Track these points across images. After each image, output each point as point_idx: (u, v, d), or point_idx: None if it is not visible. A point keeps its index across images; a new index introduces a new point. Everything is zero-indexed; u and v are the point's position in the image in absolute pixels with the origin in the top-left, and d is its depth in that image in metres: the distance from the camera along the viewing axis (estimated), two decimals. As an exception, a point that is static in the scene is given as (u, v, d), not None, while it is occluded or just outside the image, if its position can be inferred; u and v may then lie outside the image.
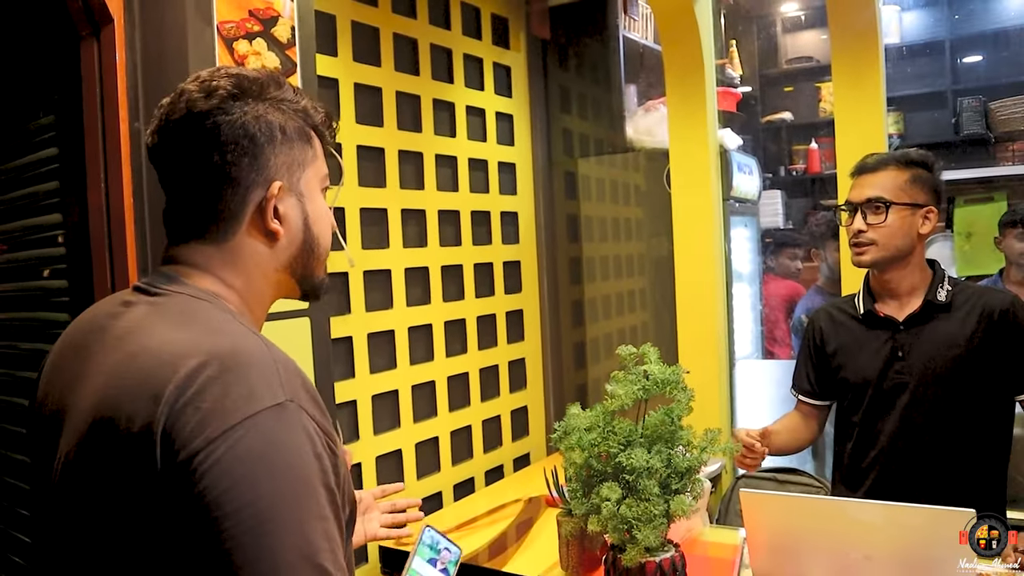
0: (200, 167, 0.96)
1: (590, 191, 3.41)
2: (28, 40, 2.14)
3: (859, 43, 2.58)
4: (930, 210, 1.89)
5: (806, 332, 2.14)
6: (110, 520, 0.87)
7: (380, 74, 2.49)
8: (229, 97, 0.97)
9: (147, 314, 0.94)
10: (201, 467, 0.79)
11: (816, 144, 4.61)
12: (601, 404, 1.58)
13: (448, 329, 2.76)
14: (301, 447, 0.84)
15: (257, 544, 0.79)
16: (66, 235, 2.05)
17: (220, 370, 0.84)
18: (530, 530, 2.35)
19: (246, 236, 0.99)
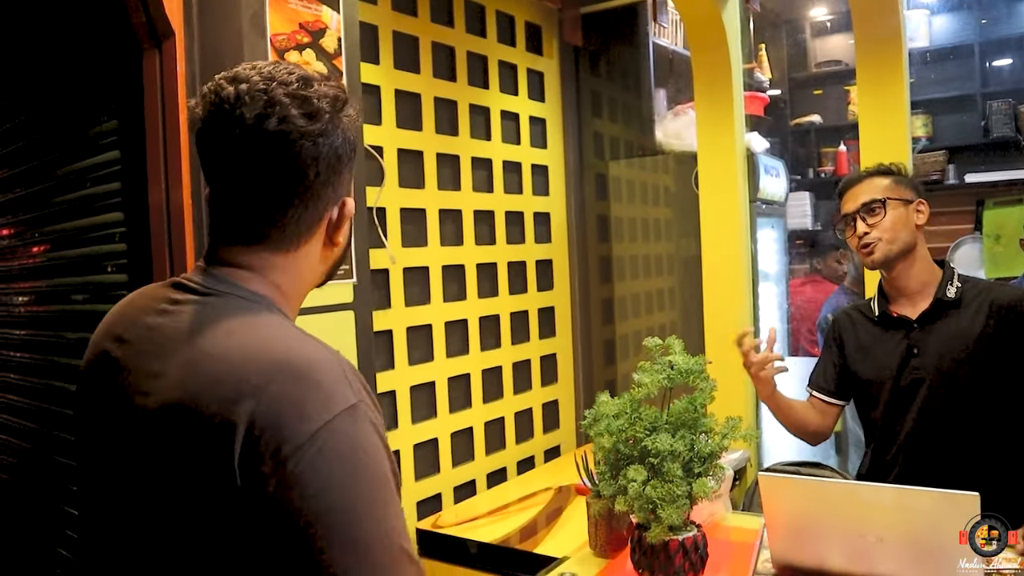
0: (286, 182, 0.97)
1: (620, 192, 3.50)
2: (92, 51, 2.29)
3: (883, 48, 2.64)
4: (920, 202, 1.99)
5: (828, 333, 2.22)
6: (177, 517, 0.91)
7: (419, 81, 2.61)
8: (331, 120, 0.98)
9: (204, 316, 0.95)
10: (287, 473, 0.84)
11: (844, 147, 4.66)
12: (629, 392, 1.67)
13: (483, 324, 2.87)
14: (375, 444, 0.90)
15: (349, 539, 0.85)
16: (126, 232, 2.19)
17: (295, 377, 0.87)
18: (560, 516, 2.45)
19: (310, 246, 1.02)
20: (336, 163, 0.99)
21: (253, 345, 0.91)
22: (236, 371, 0.88)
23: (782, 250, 3.66)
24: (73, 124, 2.41)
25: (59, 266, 2.56)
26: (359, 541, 0.86)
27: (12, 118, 2.80)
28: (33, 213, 2.69)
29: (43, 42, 2.58)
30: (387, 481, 0.90)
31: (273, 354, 0.90)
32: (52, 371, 2.67)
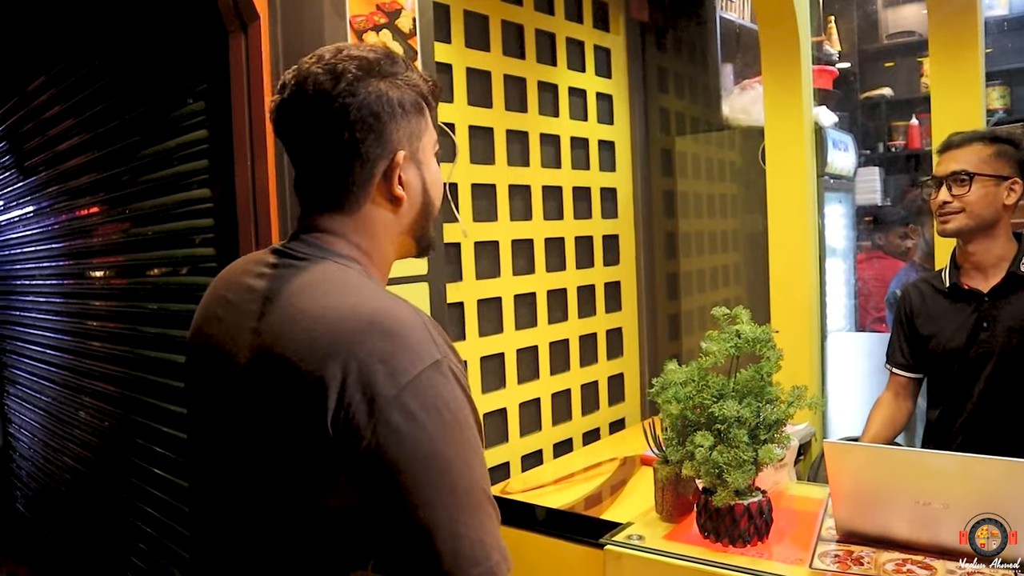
0: (330, 145, 1.05)
1: (686, 168, 3.52)
2: (180, 35, 2.40)
3: (957, 18, 2.60)
4: (1015, 182, 1.95)
5: (898, 307, 2.22)
6: (274, 466, 1.00)
7: (489, 59, 2.67)
8: (355, 79, 1.04)
9: (298, 278, 1.04)
10: (380, 424, 0.92)
11: (916, 120, 4.56)
12: (696, 361, 1.73)
13: (551, 297, 2.94)
14: (459, 396, 0.97)
15: (438, 483, 0.93)
16: (214, 208, 2.31)
17: (384, 334, 0.95)
18: (624, 485, 2.51)
19: (374, 204, 1.09)
20: (374, 121, 1.05)
21: (346, 305, 0.98)
22: (330, 329, 0.96)
23: (850, 225, 3.63)
24: (162, 105, 2.53)
25: (149, 241, 2.70)
26: (447, 485, 0.94)
27: (105, 99, 2.95)
28: (124, 191, 2.85)
29: (132, 27, 2.71)
30: (471, 430, 0.98)
31: (364, 314, 0.97)
32: (137, 341, 2.83)
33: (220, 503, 1.13)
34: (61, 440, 3.68)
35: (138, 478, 2.89)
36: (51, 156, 3.54)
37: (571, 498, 2.42)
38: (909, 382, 2.19)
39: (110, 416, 3.13)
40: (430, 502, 0.93)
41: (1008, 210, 1.96)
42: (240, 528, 1.08)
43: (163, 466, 2.71)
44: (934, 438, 2.10)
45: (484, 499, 0.98)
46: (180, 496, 2.60)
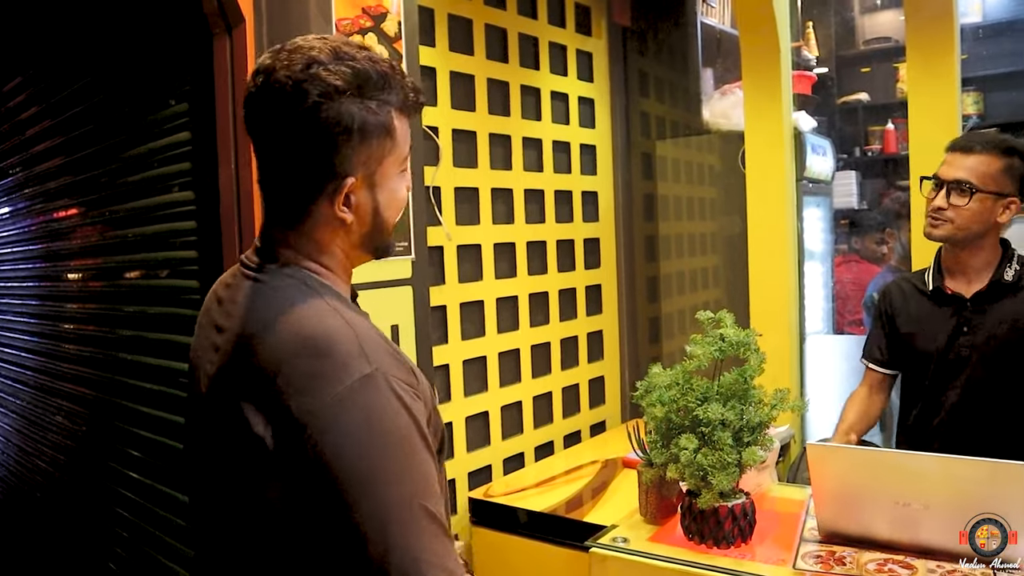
0: (287, 159, 1.05)
1: (666, 172, 3.54)
2: (163, 37, 2.39)
3: (934, 25, 2.64)
4: (1013, 201, 1.94)
5: (878, 304, 2.24)
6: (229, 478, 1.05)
7: (473, 62, 2.68)
8: (323, 95, 1.00)
9: (248, 298, 1.07)
10: (311, 438, 0.94)
11: (892, 125, 4.62)
12: (681, 364, 1.74)
13: (532, 301, 2.95)
14: (393, 408, 0.97)
15: (368, 495, 0.94)
16: (196, 211, 2.29)
17: (315, 353, 0.98)
18: (607, 488, 2.52)
19: (324, 220, 1.07)
20: (328, 142, 1.02)
21: (284, 326, 1.01)
22: (269, 349, 1.00)
23: (828, 229, 3.68)
24: (144, 107, 2.51)
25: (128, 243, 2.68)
26: (376, 497, 0.94)
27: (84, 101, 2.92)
28: (103, 193, 2.82)
29: (114, 28, 2.68)
30: (408, 441, 0.98)
31: (298, 334, 1.00)
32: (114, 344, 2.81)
33: (201, 501, 1.17)
34: (35, 444, 3.64)
35: (113, 482, 2.86)
36: (28, 157, 3.50)
37: (553, 501, 2.43)
38: (884, 378, 2.22)
39: (84, 419, 3.10)
40: (359, 514, 0.94)
41: (998, 227, 1.97)
42: (215, 525, 1.13)
43: (139, 469, 2.68)
44: (910, 437, 2.12)
45: (421, 514, 0.96)
46: (156, 499, 2.58)
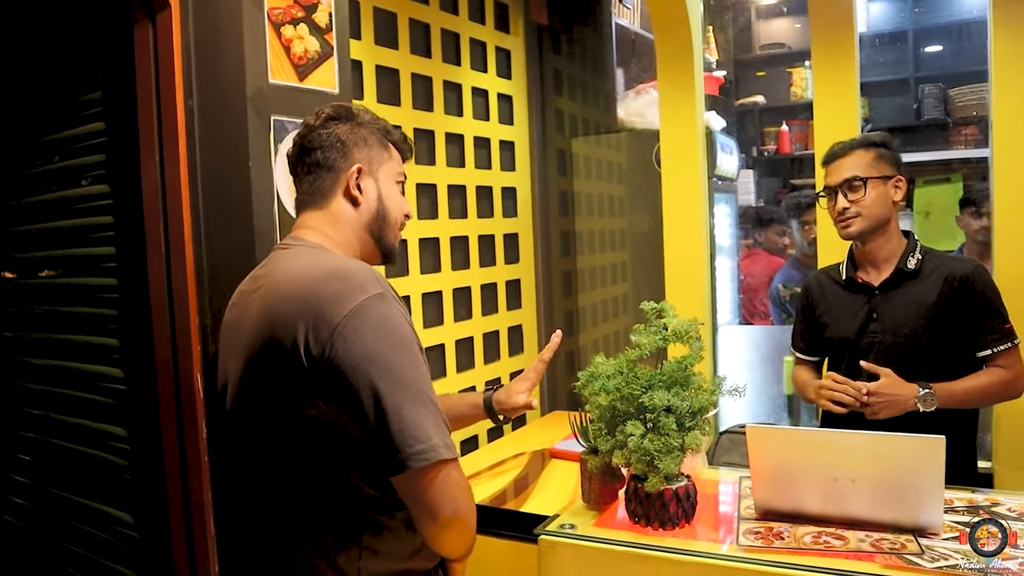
0: (311, 161, 1.49)
1: (580, 169, 3.61)
2: (78, 19, 2.27)
3: (837, 31, 2.80)
4: (898, 179, 2.15)
5: (801, 296, 2.38)
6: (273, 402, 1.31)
7: (398, 57, 2.66)
8: (328, 119, 1.50)
9: (280, 262, 1.43)
10: (336, 340, 1.22)
11: (787, 126, 4.86)
12: (624, 353, 1.79)
13: (455, 296, 2.95)
14: (401, 320, 1.28)
15: (393, 377, 1.22)
16: (114, 205, 2.19)
17: (336, 279, 1.28)
18: (537, 479, 2.56)
19: (339, 202, 1.48)
20: (340, 144, 1.47)
21: (310, 268, 1.34)
22: (299, 285, 1.30)
23: (734, 224, 3.83)
24: (52, 94, 2.38)
25: (35, 238, 2.54)
26: (392, 380, 1.22)
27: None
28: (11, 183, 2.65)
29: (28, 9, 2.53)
30: (412, 345, 1.28)
31: (321, 269, 1.31)
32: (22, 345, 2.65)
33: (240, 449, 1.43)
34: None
35: (20, 495, 2.71)
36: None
37: (483, 495, 2.44)
38: (811, 365, 2.35)
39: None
40: (376, 391, 1.21)
41: (896, 207, 2.14)
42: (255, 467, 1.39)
43: (51, 480, 2.55)
44: (831, 419, 2.24)
45: (427, 398, 1.24)
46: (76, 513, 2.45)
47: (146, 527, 2.16)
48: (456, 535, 1.31)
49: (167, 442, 2.04)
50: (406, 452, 1.20)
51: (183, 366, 1.95)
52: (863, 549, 1.57)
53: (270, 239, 1.91)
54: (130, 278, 2.16)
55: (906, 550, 1.56)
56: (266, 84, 1.93)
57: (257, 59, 1.93)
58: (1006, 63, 2.50)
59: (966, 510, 1.76)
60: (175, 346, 1.97)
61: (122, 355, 2.21)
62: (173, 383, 1.98)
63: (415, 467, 1.21)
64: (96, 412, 2.28)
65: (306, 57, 2.05)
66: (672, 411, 1.69)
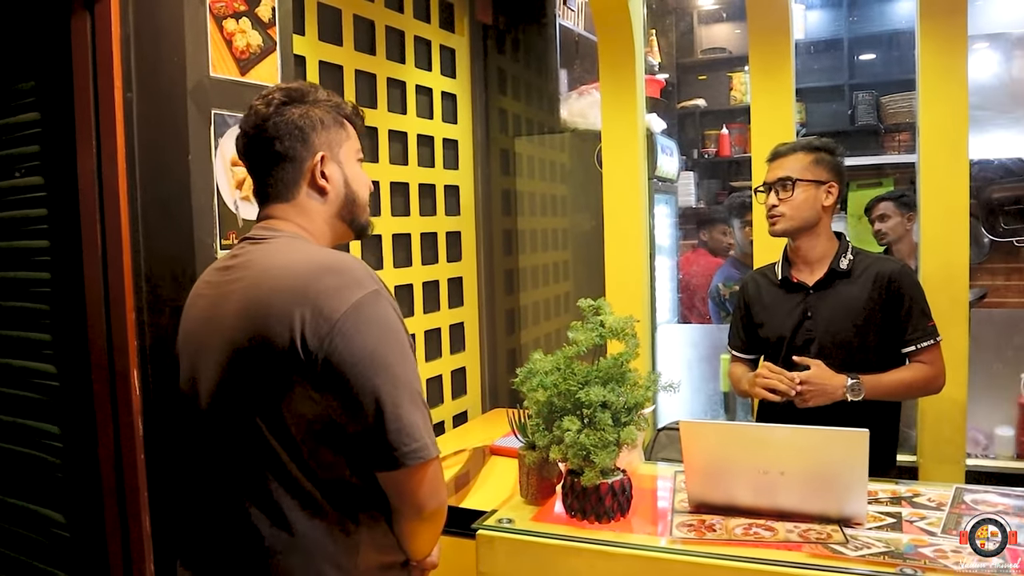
0: (270, 153, 1.40)
1: (523, 168, 3.65)
2: (14, 5, 2.21)
3: (774, 37, 2.87)
4: (832, 185, 2.21)
5: (738, 295, 2.44)
6: (261, 393, 1.27)
7: (342, 53, 2.66)
8: (281, 104, 1.40)
9: (260, 253, 1.35)
10: (334, 335, 1.22)
11: (727, 129, 4.96)
12: (562, 350, 1.82)
13: (398, 293, 2.96)
14: (394, 318, 1.29)
15: (387, 373, 1.23)
16: (48, 197, 2.15)
17: (333, 274, 1.26)
18: (478, 476, 2.58)
19: (306, 194, 1.42)
20: (299, 132, 1.39)
21: (302, 260, 1.30)
22: (293, 277, 1.27)
23: (674, 225, 3.90)
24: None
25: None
26: (388, 378, 1.23)
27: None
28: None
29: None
30: (405, 343, 1.29)
31: (316, 263, 1.29)
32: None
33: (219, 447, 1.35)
34: None
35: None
36: None
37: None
38: (747, 362, 2.41)
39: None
40: (375, 390, 1.22)
41: (827, 211, 2.21)
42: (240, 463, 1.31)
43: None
44: (765, 415, 2.31)
45: (418, 397, 1.27)
46: None
47: (79, 527, 2.12)
48: (434, 528, 1.37)
49: (102, 440, 2.01)
50: (402, 451, 1.22)
51: (119, 362, 1.92)
52: (791, 539, 1.63)
53: (210, 234, 1.90)
54: (64, 272, 2.12)
55: (832, 540, 1.62)
56: (207, 78, 1.92)
57: (198, 52, 1.91)
58: (932, 73, 2.60)
59: (889, 500, 1.83)
60: (111, 342, 1.94)
61: (55, 351, 2.16)
62: (109, 380, 1.95)
63: (410, 465, 1.23)
64: (28, 409, 2.23)
65: (248, 51, 2.04)
66: (608, 407, 1.72)
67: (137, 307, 1.90)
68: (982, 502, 1.79)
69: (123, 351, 1.91)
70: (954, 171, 2.59)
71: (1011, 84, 4.06)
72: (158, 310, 1.90)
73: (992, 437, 3.05)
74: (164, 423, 1.91)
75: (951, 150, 2.59)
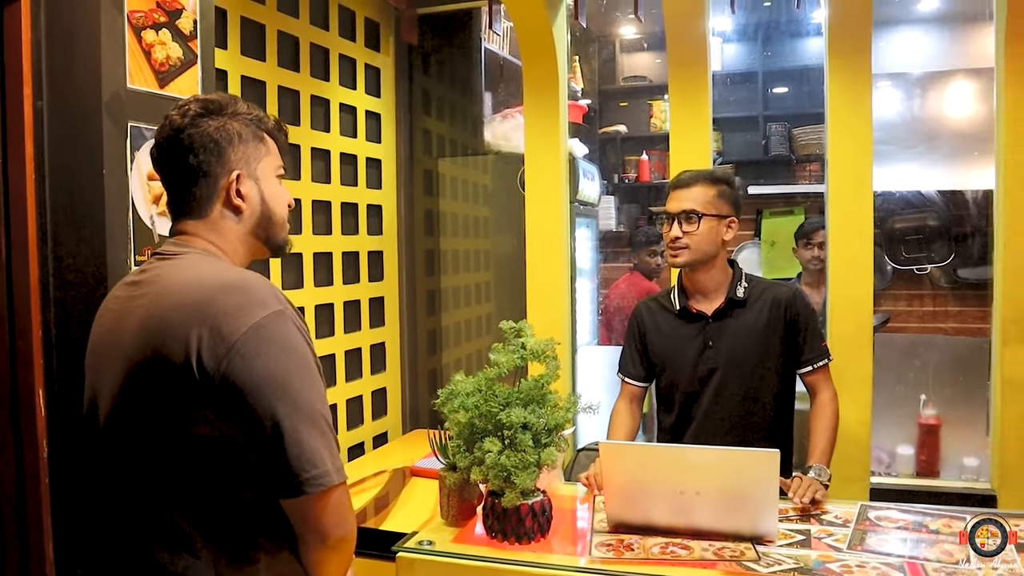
0: (182, 167, 1.34)
1: (446, 189, 3.65)
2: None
3: (692, 68, 2.96)
4: (732, 220, 2.26)
5: (630, 323, 2.45)
6: (158, 414, 1.22)
7: (265, 69, 2.63)
8: (197, 115, 1.34)
9: (168, 268, 1.31)
10: (232, 357, 1.17)
11: (647, 155, 5.06)
12: (483, 371, 1.83)
13: (318, 312, 2.92)
14: (299, 339, 1.24)
15: (286, 398, 1.18)
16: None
17: (234, 292, 1.22)
18: (398, 497, 2.56)
19: (220, 212, 1.37)
20: (214, 146, 1.34)
21: (205, 277, 1.26)
22: (193, 294, 1.23)
23: (595, 248, 3.96)
24: None
25: None
26: (289, 401, 1.19)
27: None
28: None
29: None
30: (310, 365, 1.25)
31: (219, 281, 1.25)
32: None
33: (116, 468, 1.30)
34: None
35: None
36: None
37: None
38: (640, 390, 2.43)
39: None
40: (275, 414, 1.18)
41: (725, 244, 2.27)
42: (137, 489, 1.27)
43: None
44: (669, 441, 2.35)
45: (322, 421, 1.22)
46: None
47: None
48: (341, 557, 1.31)
49: (2, 463, 1.92)
50: (302, 477, 1.18)
51: (23, 380, 1.84)
52: (706, 558, 1.67)
53: (124, 249, 1.85)
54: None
55: (745, 557, 1.66)
56: (124, 89, 1.87)
57: (115, 62, 1.86)
58: (839, 107, 2.72)
59: (799, 518, 1.89)
60: (14, 359, 1.86)
61: (-47, 368, 2.06)
62: (9, 399, 1.87)
63: (311, 492, 1.19)
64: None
65: (168, 63, 2.00)
66: (529, 428, 1.74)
67: (44, 323, 1.83)
68: (885, 518, 1.87)
69: (27, 369, 1.83)
70: (860, 201, 2.71)
71: (912, 121, 4.27)
72: (67, 326, 1.84)
73: (894, 455, 3.18)
74: (72, 444, 1.84)
75: (857, 181, 2.71)
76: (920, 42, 4.39)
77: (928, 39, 4.40)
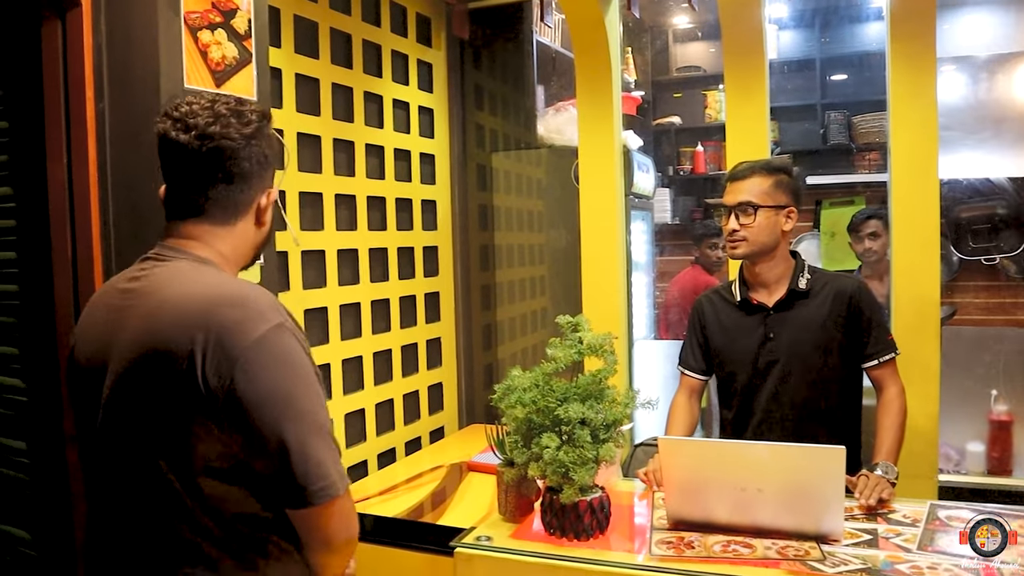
0: (224, 169, 1.30)
1: (500, 183, 3.64)
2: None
3: (748, 57, 2.89)
4: (791, 210, 2.21)
5: (691, 316, 2.42)
6: (158, 428, 1.20)
7: (318, 66, 2.64)
8: (260, 125, 1.33)
9: (165, 274, 1.28)
10: (236, 372, 1.16)
11: (702, 147, 4.98)
12: (540, 366, 1.81)
13: (374, 308, 2.94)
14: (299, 352, 1.24)
15: (289, 411, 1.19)
16: (17, 208, 2.11)
17: (234, 306, 1.20)
18: (455, 492, 2.56)
19: (246, 223, 1.36)
20: (264, 161, 1.34)
21: (203, 289, 1.24)
22: (193, 308, 1.21)
23: (650, 241, 3.91)
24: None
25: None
26: (293, 414, 1.19)
27: None
28: None
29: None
30: (311, 377, 1.25)
31: (218, 293, 1.23)
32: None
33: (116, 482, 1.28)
34: None
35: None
36: None
37: (398, 509, 2.42)
38: (700, 383, 2.40)
39: None
40: (281, 429, 1.18)
41: (786, 235, 2.22)
42: (139, 503, 1.25)
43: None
44: (731, 436, 2.31)
45: (325, 432, 1.23)
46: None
47: (46, 545, 2.07)
48: (343, 559, 1.34)
49: (72, 458, 1.97)
50: (309, 489, 1.20)
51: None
52: (769, 556, 1.62)
53: (183, 247, 1.87)
54: (33, 284, 2.08)
55: (809, 556, 1.62)
56: (181, 89, 1.90)
57: (172, 64, 1.89)
58: (902, 93, 2.63)
59: (865, 517, 1.84)
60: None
61: (23, 365, 2.12)
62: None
63: (317, 504, 1.21)
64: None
65: (224, 63, 2.02)
66: (587, 423, 1.71)
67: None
68: (956, 518, 1.80)
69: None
70: (925, 190, 2.62)
71: (977, 106, 4.13)
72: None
73: (964, 453, 3.08)
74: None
75: (922, 170, 2.62)
76: (986, 23, 4.23)
77: (994, 20, 4.23)
